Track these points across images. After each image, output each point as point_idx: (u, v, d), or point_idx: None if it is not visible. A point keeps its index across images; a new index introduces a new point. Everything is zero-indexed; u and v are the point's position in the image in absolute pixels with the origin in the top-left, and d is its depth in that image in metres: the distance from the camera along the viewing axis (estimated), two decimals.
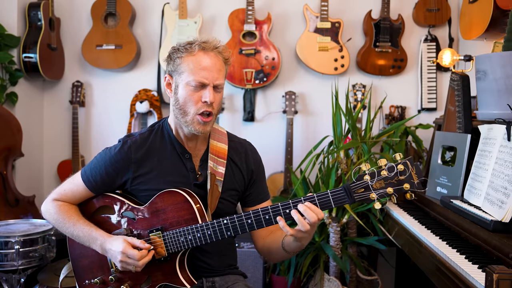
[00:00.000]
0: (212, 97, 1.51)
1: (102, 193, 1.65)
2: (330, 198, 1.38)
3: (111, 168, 1.59)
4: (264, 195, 1.73)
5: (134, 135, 1.64)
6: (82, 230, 1.57)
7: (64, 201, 1.65)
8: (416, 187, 1.33)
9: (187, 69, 1.52)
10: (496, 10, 2.35)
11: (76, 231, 1.58)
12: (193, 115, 1.52)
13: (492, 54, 2.00)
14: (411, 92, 3.40)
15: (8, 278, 2.26)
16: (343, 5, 3.39)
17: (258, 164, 1.73)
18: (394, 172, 1.33)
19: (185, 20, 3.31)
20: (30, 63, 3.13)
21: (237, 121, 3.44)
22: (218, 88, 1.55)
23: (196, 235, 1.48)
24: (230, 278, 1.68)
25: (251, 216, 1.44)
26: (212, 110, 1.53)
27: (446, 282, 1.54)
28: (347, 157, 2.83)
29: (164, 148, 1.62)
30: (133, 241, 1.49)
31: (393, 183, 1.34)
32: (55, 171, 3.45)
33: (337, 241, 2.67)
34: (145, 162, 1.60)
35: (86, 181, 1.62)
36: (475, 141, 1.97)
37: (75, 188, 1.64)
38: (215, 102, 1.53)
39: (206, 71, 1.50)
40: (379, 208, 1.35)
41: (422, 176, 1.34)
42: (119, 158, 1.59)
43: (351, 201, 1.36)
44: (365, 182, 1.35)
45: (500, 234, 1.54)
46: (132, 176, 1.59)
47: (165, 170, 1.60)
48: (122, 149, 1.59)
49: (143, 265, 1.50)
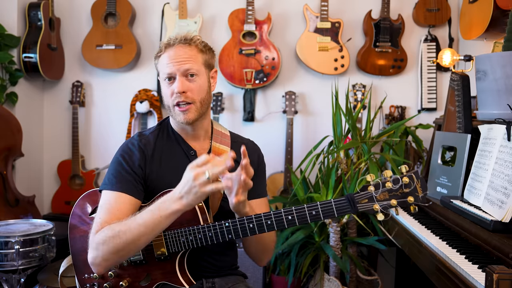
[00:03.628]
0: (180, 86, 1.53)
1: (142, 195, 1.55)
2: (333, 207, 1.38)
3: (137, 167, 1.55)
4: (261, 191, 1.71)
5: (145, 134, 1.66)
6: (144, 214, 1.39)
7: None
8: (421, 201, 1.34)
9: (159, 67, 1.60)
10: (496, 10, 2.35)
11: (137, 228, 1.37)
12: (172, 107, 1.57)
13: (492, 54, 2.00)
14: (411, 92, 3.40)
15: (8, 278, 2.26)
16: (343, 5, 3.39)
17: (260, 163, 1.73)
18: (399, 185, 1.33)
19: (185, 20, 3.31)
20: (30, 63, 3.13)
21: (237, 121, 3.44)
22: (191, 76, 1.56)
23: (197, 236, 1.48)
24: (231, 279, 1.68)
25: (253, 220, 1.44)
26: (186, 99, 1.54)
27: (446, 282, 1.54)
28: (347, 157, 2.83)
29: (170, 146, 1.64)
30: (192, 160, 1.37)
31: (397, 195, 1.34)
32: (55, 171, 3.45)
33: (337, 241, 2.67)
34: (155, 160, 1.61)
35: (119, 190, 1.49)
36: (475, 141, 1.97)
37: (109, 205, 1.48)
38: (189, 91, 1.54)
39: (171, 63, 1.55)
40: (381, 219, 1.35)
41: (427, 190, 1.35)
42: (140, 157, 1.58)
43: (354, 211, 1.36)
44: (369, 193, 1.36)
45: (500, 234, 1.54)
46: (147, 173, 1.59)
47: (172, 167, 1.60)
48: (140, 149, 1.59)
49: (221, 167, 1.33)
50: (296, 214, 1.41)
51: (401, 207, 1.36)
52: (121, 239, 1.38)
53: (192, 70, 1.55)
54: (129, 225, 1.38)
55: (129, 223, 1.39)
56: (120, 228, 1.39)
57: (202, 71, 1.58)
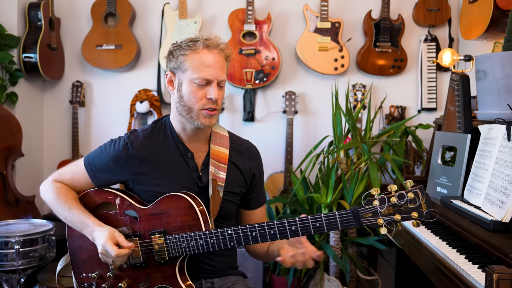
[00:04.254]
0: (217, 94, 1.53)
1: (102, 187, 1.65)
2: (338, 220, 1.38)
3: (113, 162, 1.60)
4: (263, 199, 1.77)
5: (137, 132, 1.65)
6: (76, 215, 1.56)
7: (63, 183, 1.65)
8: (425, 217, 1.33)
9: (191, 67, 1.53)
10: (496, 10, 2.35)
11: (70, 215, 1.57)
12: (198, 110, 1.54)
13: (492, 54, 2.01)
14: (411, 92, 3.40)
15: (8, 278, 2.25)
16: (343, 5, 3.39)
17: (260, 168, 1.74)
18: (404, 200, 1.33)
19: (185, 20, 3.31)
20: (30, 63, 3.13)
21: (237, 121, 3.43)
22: (221, 84, 1.57)
23: (198, 242, 1.48)
24: (230, 279, 1.68)
25: (256, 229, 1.44)
26: (216, 106, 1.56)
27: (446, 282, 1.54)
28: (347, 157, 2.83)
29: (166, 146, 1.63)
30: (119, 239, 1.48)
31: (401, 211, 1.34)
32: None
33: (337, 241, 2.67)
34: (148, 159, 1.60)
35: (88, 169, 1.63)
36: (475, 141, 1.97)
37: (76, 172, 1.65)
38: (219, 98, 1.56)
39: (210, 68, 1.52)
40: (385, 233, 1.35)
41: (431, 207, 1.34)
42: (122, 154, 1.60)
43: (358, 225, 1.36)
44: (374, 207, 1.35)
45: (500, 234, 1.54)
46: (134, 172, 1.59)
47: (168, 169, 1.60)
48: (125, 146, 1.60)
49: (120, 263, 1.52)
50: (300, 225, 1.40)
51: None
52: (53, 206, 1.62)
53: (225, 81, 1.59)
54: (61, 205, 1.59)
55: (63, 204, 1.59)
56: (58, 200, 1.60)
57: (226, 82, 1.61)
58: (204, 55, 1.52)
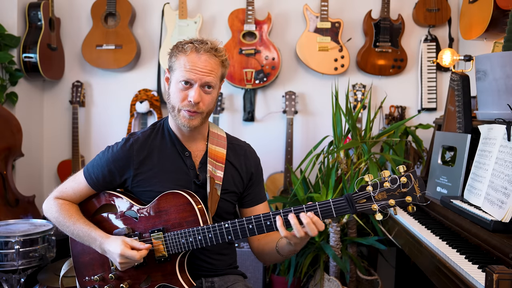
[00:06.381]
0: (196, 96, 1.52)
1: (102, 191, 1.67)
2: (332, 207, 1.38)
3: (113, 165, 1.61)
4: (261, 196, 1.75)
5: (137, 134, 1.66)
6: (81, 229, 1.58)
7: (65, 199, 1.67)
8: (419, 200, 1.33)
9: (178, 67, 1.55)
10: (496, 10, 2.35)
11: (76, 230, 1.59)
12: (178, 110, 1.55)
13: (492, 54, 2.00)
14: (411, 92, 3.40)
15: (8, 278, 2.26)
16: (343, 5, 3.39)
17: (257, 167, 1.74)
18: (396, 184, 1.33)
19: (185, 20, 3.31)
20: (30, 63, 3.13)
21: (237, 121, 3.44)
22: (208, 88, 1.55)
23: (197, 237, 1.49)
24: (230, 278, 1.68)
25: (252, 221, 1.45)
26: (197, 110, 1.54)
27: (446, 282, 1.54)
28: (347, 157, 2.83)
29: (164, 146, 1.64)
30: (133, 243, 1.50)
31: (395, 195, 1.34)
32: (55, 171, 3.45)
33: (337, 241, 2.67)
34: (147, 160, 1.62)
35: (88, 178, 1.64)
36: (475, 141, 1.97)
37: (77, 186, 1.66)
38: (201, 102, 1.54)
39: (194, 71, 1.52)
40: (380, 219, 1.35)
41: (425, 190, 1.34)
42: (121, 156, 1.61)
43: (353, 211, 1.36)
44: (367, 193, 1.35)
45: (500, 234, 1.54)
46: (133, 174, 1.61)
47: (166, 168, 1.61)
48: (124, 147, 1.62)
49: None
50: (295, 214, 1.41)
51: (399, 207, 1.36)
52: (58, 223, 1.64)
53: (211, 83, 1.55)
54: (66, 222, 1.61)
55: (67, 221, 1.60)
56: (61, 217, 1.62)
57: (217, 85, 1.59)
58: (191, 57, 1.53)
